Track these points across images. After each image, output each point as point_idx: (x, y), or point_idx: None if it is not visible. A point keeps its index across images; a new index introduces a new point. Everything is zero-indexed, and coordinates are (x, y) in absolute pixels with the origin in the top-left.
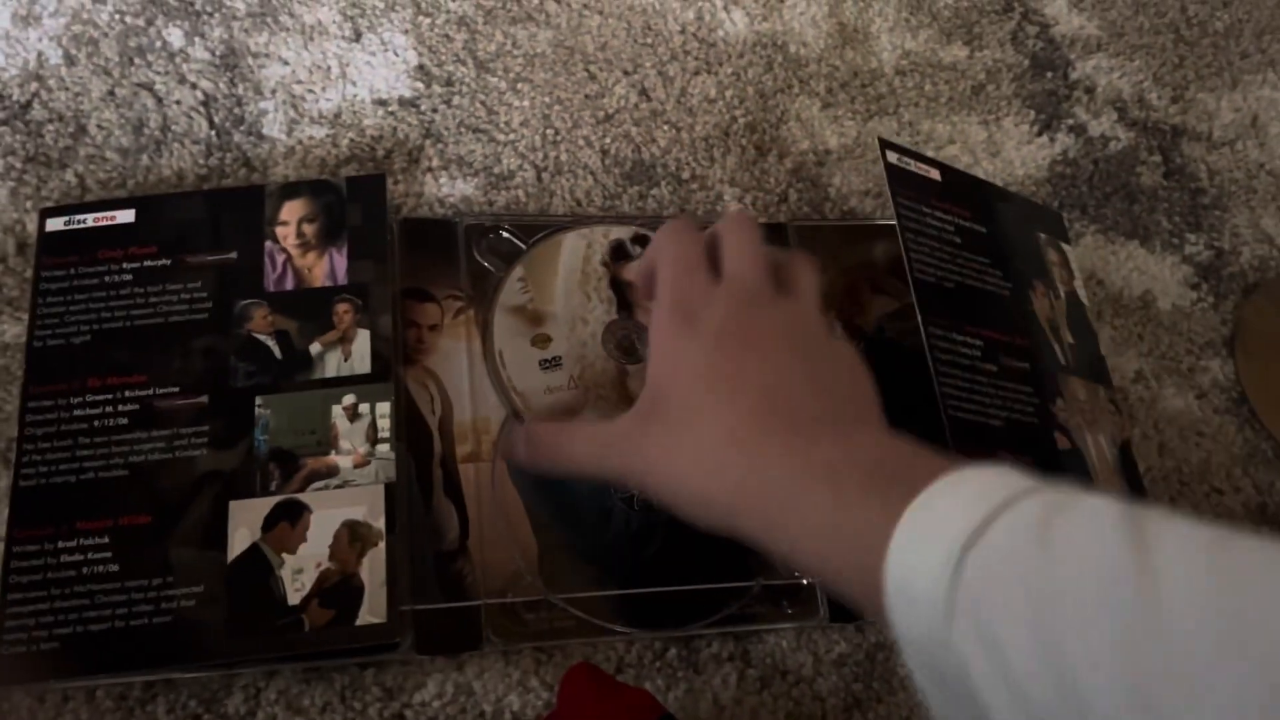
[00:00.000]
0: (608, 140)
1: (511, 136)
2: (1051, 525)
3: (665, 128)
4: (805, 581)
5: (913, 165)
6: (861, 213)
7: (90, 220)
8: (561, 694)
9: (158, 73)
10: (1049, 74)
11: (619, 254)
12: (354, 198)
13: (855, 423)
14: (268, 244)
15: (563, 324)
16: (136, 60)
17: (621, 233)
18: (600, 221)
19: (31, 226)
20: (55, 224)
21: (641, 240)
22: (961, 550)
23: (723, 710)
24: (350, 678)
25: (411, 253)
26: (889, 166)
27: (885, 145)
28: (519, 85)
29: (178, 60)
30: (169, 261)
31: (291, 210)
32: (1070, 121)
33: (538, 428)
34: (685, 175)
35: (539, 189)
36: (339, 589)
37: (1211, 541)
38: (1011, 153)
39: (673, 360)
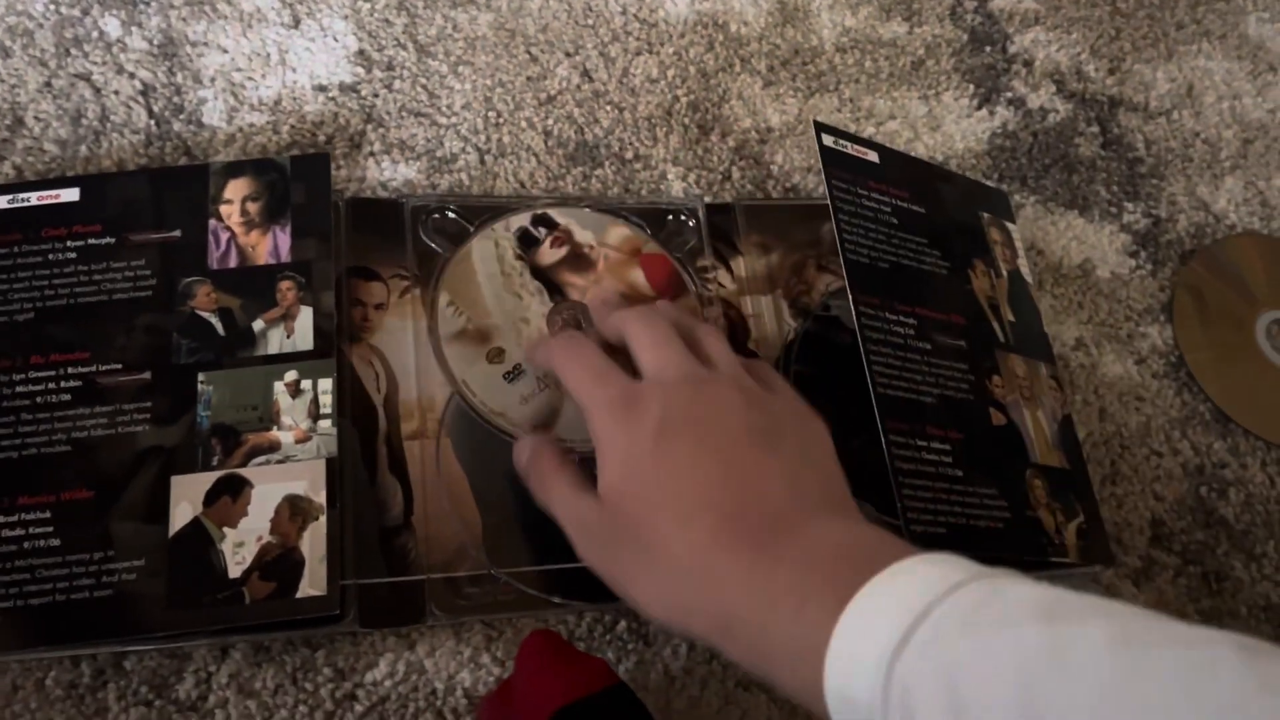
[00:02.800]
0: (550, 122)
1: (453, 120)
2: (978, 616)
3: (608, 108)
4: None
5: (849, 148)
6: (804, 190)
7: (34, 199)
8: (519, 660)
9: (95, 63)
10: (987, 48)
11: (527, 242)
12: (298, 176)
13: (815, 510)
14: (211, 222)
15: (507, 331)
16: (73, 51)
17: (521, 220)
18: (530, 205)
19: None
20: None
21: (544, 221)
22: (894, 650)
23: (673, 681)
24: (301, 659)
25: (358, 232)
26: (824, 149)
27: (820, 128)
28: (460, 68)
29: (115, 50)
30: (113, 240)
31: (235, 189)
32: (1009, 95)
33: (535, 457)
34: (629, 155)
35: (482, 171)
36: (279, 562)
37: (1118, 637)
38: (951, 126)
39: (622, 467)
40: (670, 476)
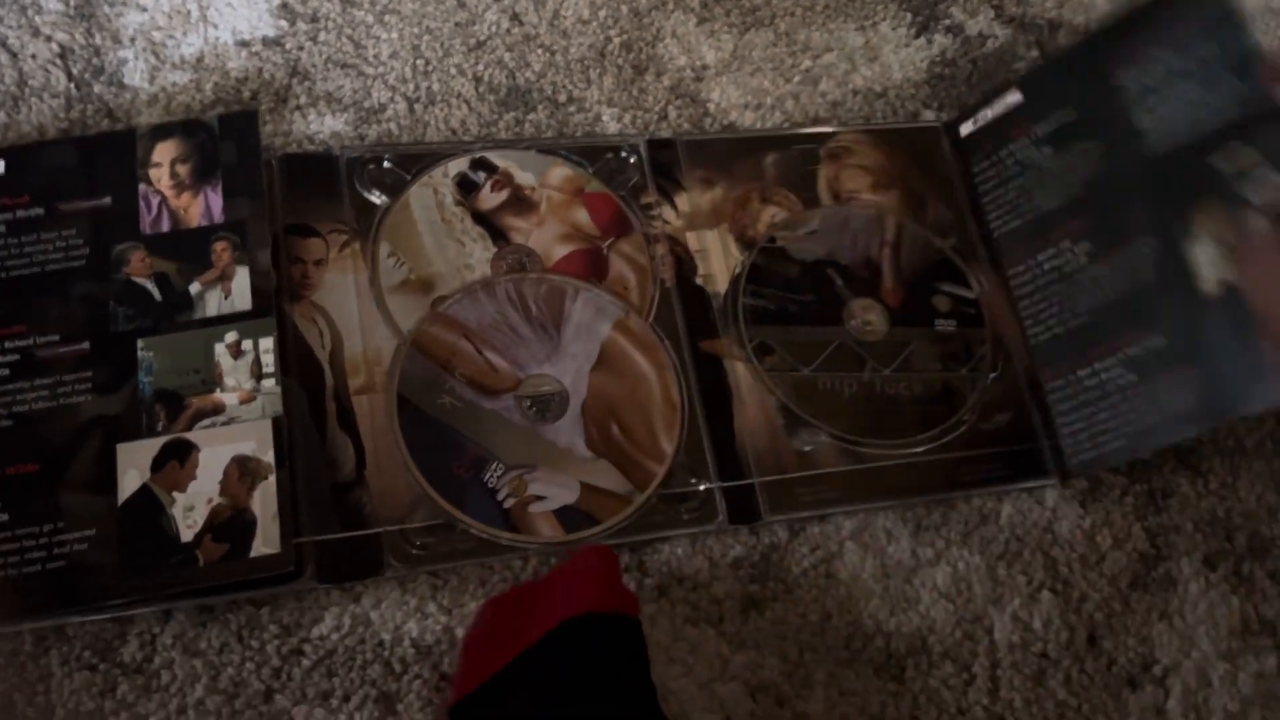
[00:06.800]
0: (481, 67)
1: (381, 69)
2: None
3: (539, 51)
4: (702, 487)
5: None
6: (741, 126)
7: None
8: (570, 561)
9: (9, 27)
10: None
11: (467, 187)
12: (226, 136)
13: None
14: (142, 187)
15: (451, 279)
16: None
17: (459, 165)
18: (469, 150)
19: None
20: None
21: (483, 165)
22: None
23: None
24: (246, 616)
25: (293, 189)
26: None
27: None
28: (386, 17)
29: (30, 12)
30: (42, 210)
31: (163, 152)
32: (947, 22)
33: None
34: (562, 98)
35: (412, 121)
36: (231, 523)
37: None
38: (889, 57)
39: None
40: None
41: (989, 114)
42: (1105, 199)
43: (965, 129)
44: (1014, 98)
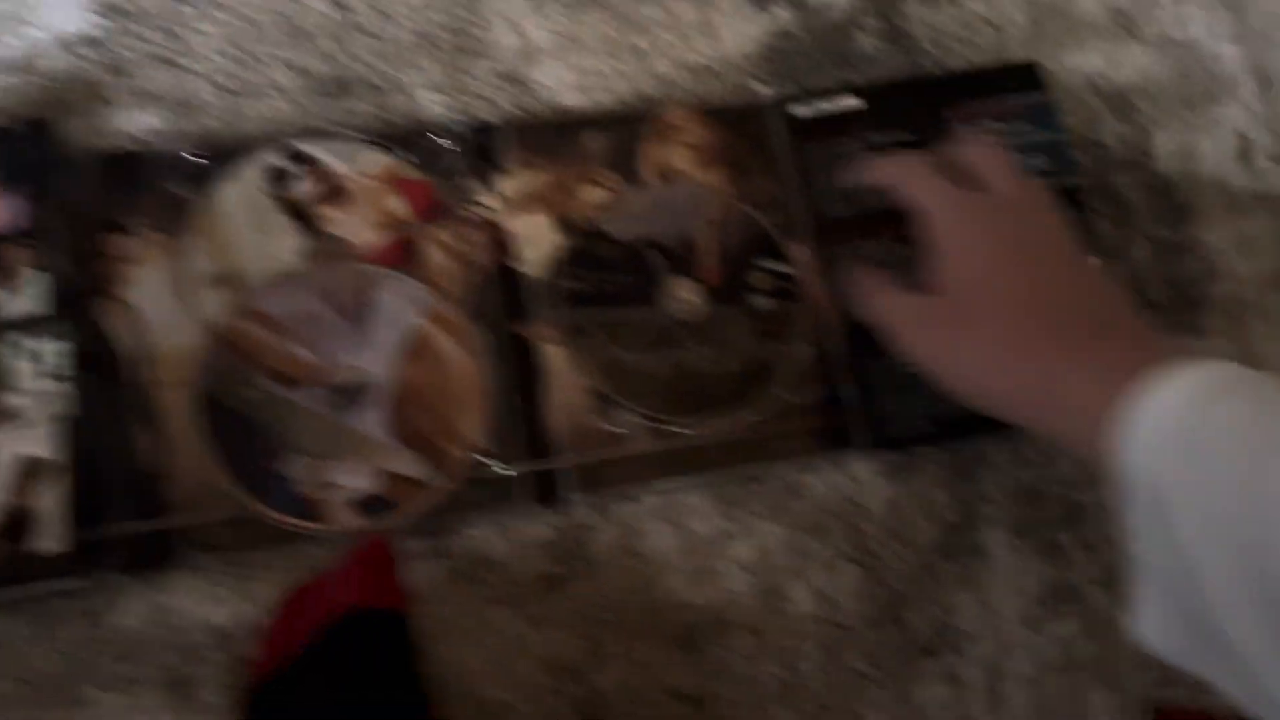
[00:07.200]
0: (304, 58)
1: (201, 64)
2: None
3: (364, 39)
4: (508, 471)
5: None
6: (569, 108)
7: None
8: (350, 554)
9: None
10: None
11: (278, 178)
12: (24, 141)
13: (1110, 322)
14: None
15: (260, 271)
16: None
17: (269, 157)
18: (278, 140)
19: None
20: None
21: (293, 155)
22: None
23: (423, 604)
24: (50, 608)
25: (105, 187)
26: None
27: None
28: (211, 11)
29: None
30: None
31: None
32: None
33: (862, 277)
34: (386, 86)
35: (232, 114)
36: (19, 523)
37: None
38: (725, 31)
39: (963, 265)
40: (1004, 278)
41: (825, 107)
42: None
43: (800, 111)
44: (854, 102)
